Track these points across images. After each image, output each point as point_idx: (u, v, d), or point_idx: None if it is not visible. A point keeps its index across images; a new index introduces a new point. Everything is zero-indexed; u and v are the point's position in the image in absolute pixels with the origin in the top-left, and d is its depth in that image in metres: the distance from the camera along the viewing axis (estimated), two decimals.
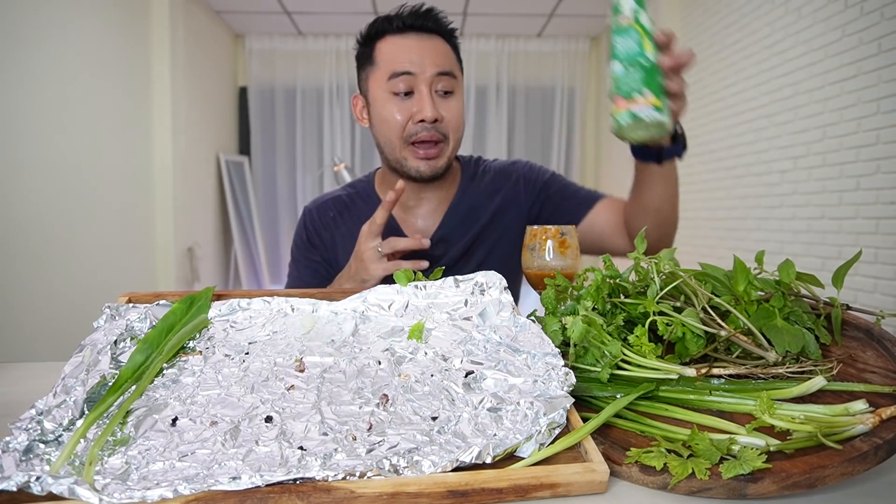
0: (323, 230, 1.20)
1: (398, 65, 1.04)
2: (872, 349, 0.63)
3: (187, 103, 3.53)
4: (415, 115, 1.05)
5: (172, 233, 3.37)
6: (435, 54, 1.06)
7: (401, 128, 1.06)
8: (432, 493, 0.44)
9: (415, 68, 1.04)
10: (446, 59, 1.07)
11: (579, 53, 4.58)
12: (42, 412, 0.51)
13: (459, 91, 1.10)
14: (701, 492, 0.46)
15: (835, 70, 2.20)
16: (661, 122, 0.75)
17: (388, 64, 1.05)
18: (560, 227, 0.94)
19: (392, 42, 1.07)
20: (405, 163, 1.09)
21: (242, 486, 0.43)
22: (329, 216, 1.21)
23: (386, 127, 1.07)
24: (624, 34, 0.76)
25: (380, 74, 1.07)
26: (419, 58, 1.04)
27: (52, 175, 2.43)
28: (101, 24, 2.78)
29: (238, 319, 0.70)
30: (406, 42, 1.06)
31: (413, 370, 0.61)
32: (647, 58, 0.74)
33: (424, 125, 1.04)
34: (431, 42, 1.07)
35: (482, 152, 4.61)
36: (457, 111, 1.08)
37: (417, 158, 1.07)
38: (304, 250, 1.22)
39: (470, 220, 1.19)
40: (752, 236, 2.71)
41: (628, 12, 0.76)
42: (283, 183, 4.60)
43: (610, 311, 0.68)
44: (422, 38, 1.06)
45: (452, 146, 1.10)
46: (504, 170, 1.24)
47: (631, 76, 0.75)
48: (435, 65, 1.04)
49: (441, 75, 1.05)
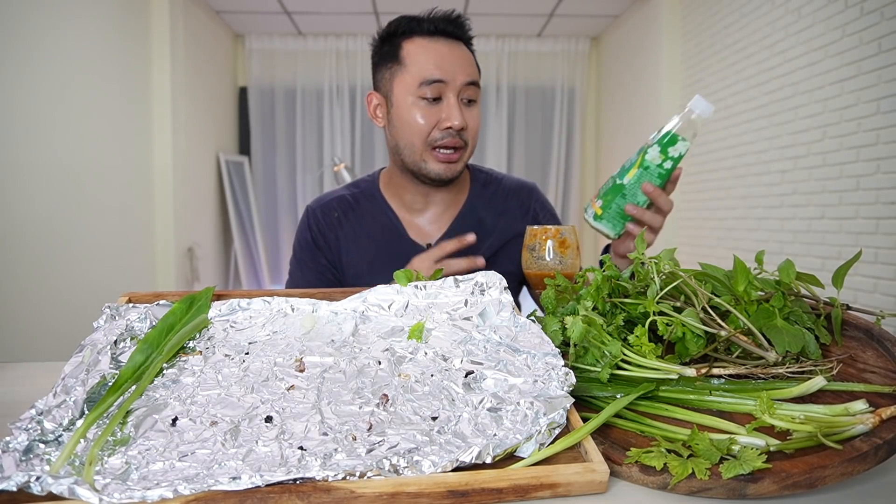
0: (328, 231, 1.18)
1: (430, 72, 1.04)
2: (872, 349, 0.63)
3: (187, 103, 3.53)
4: (441, 122, 1.05)
5: (172, 233, 3.37)
6: (464, 63, 1.06)
7: (426, 133, 1.06)
8: (432, 493, 0.44)
9: (447, 76, 1.04)
10: (473, 70, 1.08)
11: (579, 53, 4.58)
12: (42, 412, 0.51)
13: (479, 100, 1.11)
14: (701, 492, 0.46)
15: (835, 70, 2.20)
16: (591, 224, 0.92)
17: (419, 69, 1.05)
18: (560, 227, 0.94)
19: (422, 45, 1.06)
20: (425, 165, 1.08)
21: (242, 486, 0.43)
22: (333, 216, 1.19)
23: (409, 130, 1.07)
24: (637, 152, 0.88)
25: (409, 78, 1.06)
26: (451, 66, 1.04)
27: (51, 175, 2.43)
28: (100, 24, 2.78)
29: (238, 319, 0.70)
30: (437, 47, 1.05)
31: (413, 370, 0.61)
32: (623, 178, 0.88)
33: (450, 132, 1.05)
34: (459, 50, 1.07)
35: (482, 152, 4.62)
36: (477, 119, 1.10)
37: (439, 162, 1.08)
38: (309, 252, 1.19)
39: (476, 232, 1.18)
40: (752, 236, 2.71)
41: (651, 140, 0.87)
42: (283, 183, 4.60)
43: (610, 311, 0.68)
44: (451, 45, 1.07)
45: (469, 152, 1.11)
46: (517, 192, 1.24)
47: (606, 184, 0.91)
48: (465, 74, 1.05)
49: (469, 85, 1.06)
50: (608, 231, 0.92)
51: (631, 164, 0.87)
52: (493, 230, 1.18)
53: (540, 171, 4.68)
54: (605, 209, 0.89)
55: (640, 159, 0.86)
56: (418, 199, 1.16)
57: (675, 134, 0.84)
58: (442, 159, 1.07)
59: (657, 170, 0.86)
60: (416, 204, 1.17)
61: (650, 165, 0.86)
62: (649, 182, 0.86)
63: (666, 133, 0.85)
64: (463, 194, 1.20)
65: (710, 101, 0.89)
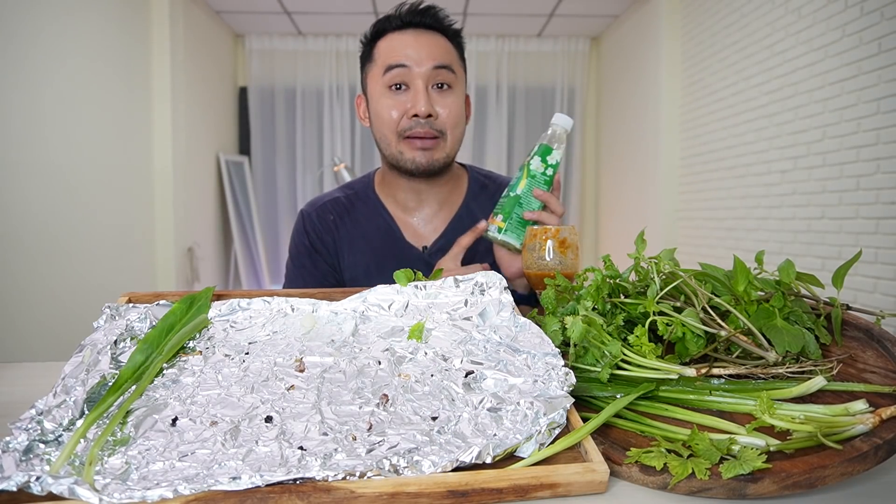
0: (325, 234, 1.16)
1: (392, 58, 1.03)
2: (872, 349, 0.63)
3: (187, 103, 3.53)
4: (409, 110, 1.03)
5: (172, 233, 3.37)
6: (432, 48, 1.04)
7: (395, 122, 1.04)
8: (432, 493, 0.44)
9: (410, 61, 1.02)
10: (445, 54, 1.05)
11: (579, 53, 4.58)
12: (42, 412, 0.51)
13: (459, 86, 1.08)
14: (701, 492, 0.46)
15: (835, 70, 2.20)
16: (498, 239, 1.00)
17: (384, 59, 1.04)
18: (560, 226, 0.94)
19: (390, 38, 1.06)
20: (401, 156, 1.06)
21: (242, 486, 0.43)
22: (329, 219, 1.17)
23: (380, 122, 1.06)
24: (520, 168, 1.00)
25: (376, 70, 1.06)
26: (415, 51, 1.03)
27: (51, 175, 2.43)
28: (100, 24, 2.78)
29: (238, 319, 0.70)
30: (403, 37, 1.05)
31: (413, 370, 0.61)
32: (515, 190, 0.99)
33: (418, 120, 1.02)
34: (430, 37, 1.05)
35: (482, 152, 4.62)
36: (455, 107, 1.06)
37: (414, 149, 1.05)
38: (308, 257, 1.17)
39: None
40: (752, 236, 2.71)
41: (530, 154, 1.00)
42: (283, 183, 4.60)
43: (610, 311, 0.68)
44: (420, 34, 1.05)
45: (451, 142, 1.07)
46: None
47: (501, 201, 1.00)
48: (431, 58, 1.03)
49: (438, 69, 1.03)
50: (513, 241, 0.99)
51: (518, 178, 0.99)
52: None
53: None
54: (507, 221, 0.99)
55: (527, 170, 0.98)
56: (411, 197, 1.15)
57: (548, 145, 0.99)
58: (417, 146, 1.05)
59: (542, 177, 0.99)
60: (410, 202, 1.15)
61: (536, 174, 0.98)
62: (537, 188, 0.98)
63: (541, 146, 0.99)
64: (459, 195, 1.18)
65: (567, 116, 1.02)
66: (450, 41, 1.08)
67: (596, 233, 4.72)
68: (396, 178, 1.12)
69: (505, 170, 4.59)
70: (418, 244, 1.15)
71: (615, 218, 4.31)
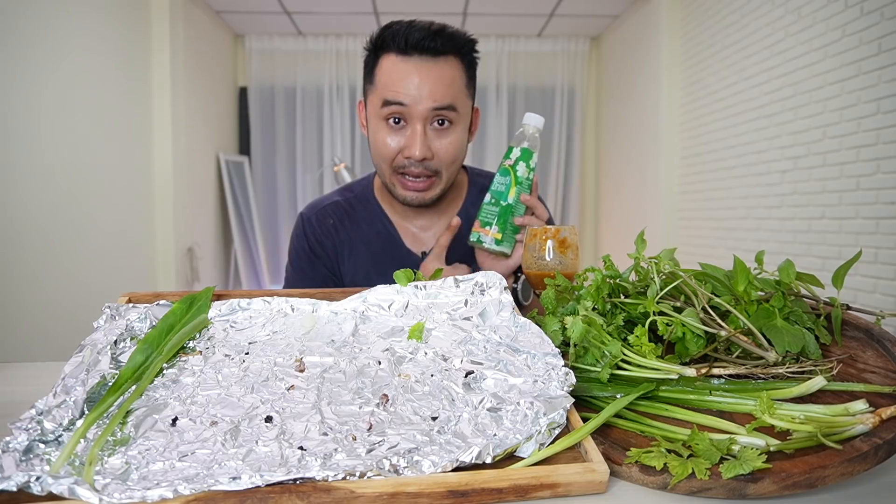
0: (325, 239, 1.15)
1: (392, 93, 0.97)
2: (872, 349, 0.63)
3: (187, 103, 3.53)
4: (404, 150, 0.99)
5: (172, 233, 3.37)
6: (436, 85, 0.96)
7: (391, 157, 1.01)
8: (432, 493, 0.44)
9: (409, 100, 0.96)
10: (448, 90, 0.98)
11: (579, 53, 4.58)
12: (42, 412, 0.51)
13: (461, 122, 1.02)
14: (701, 492, 0.46)
15: (835, 70, 2.20)
16: (497, 250, 1.00)
17: (383, 88, 0.98)
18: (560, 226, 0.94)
19: (392, 63, 0.98)
20: (394, 189, 1.05)
21: (242, 486, 0.43)
22: (329, 223, 1.15)
23: (376, 152, 1.03)
24: (502, 174, 0.99)
25: (375, 97, 1.01)
26: (416, 89, 0.96)
27: (51, 175, 2.43)
28: (100, 24, 2.78)
29: (238, 319, 0.70)
30: (406, 67, 0.97)
31: (413, 370, 0.61)
32: (506, 199, 0.98)
33: (412, 161, 1.00)
34: (436, 69, 0.97)
35: (482, 152, 4.62)
36: (451, 148, 1.01)
37: (405, 189, 1.03)
38: (308, 262, 1.15)
39: None
40: (752, 236, 2.71)
41: (512, 159, 0.98)
42: (283, 183, 4.60)
43: (610, 311, 0.68)
44: (424, 64, 0.96)
45: (446, 179, 1.05)
46: None
47: (490, 210, 0.99)
48: (432, 99, 0.96)
49: (438, 110, 0.97)
50: (506, 250, 1.01)
51: (506, 186, 0.98)
52: None
53: (540, 171, 4.68)
54: (503, 232, 0.99)
55: (514, 178, 0.98)
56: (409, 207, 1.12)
57: (529, 149, 0.98)
58: (409, 187, 1.02)
59: (527, 182, 0.99)
60: (409, 211, 1.13)
61: (522, 180, 0.98)
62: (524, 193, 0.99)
63: (522, 150, 0.98)
64: (459, 199, 1.17)
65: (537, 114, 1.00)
66: (462, 61, 1.01)
67: (596, 233, 4.72)
68: None
69: None
70: (417, 250, 1.14)
71: (615, 218, 4.31)
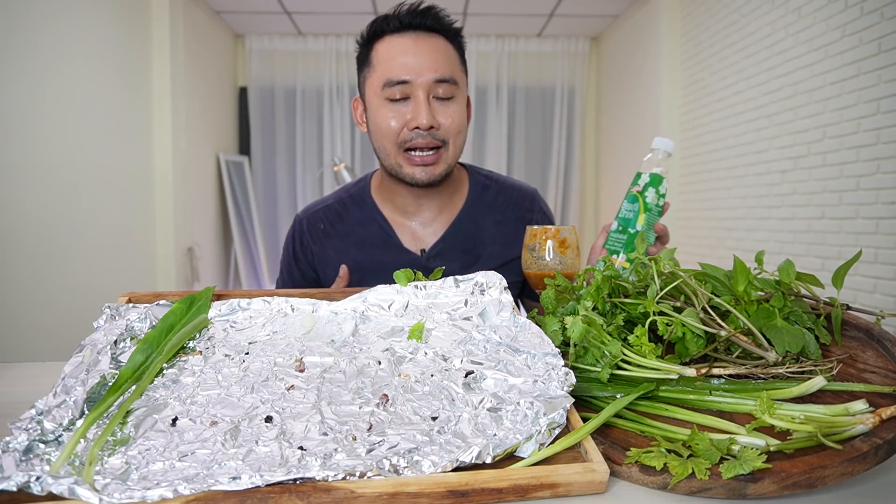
0: (311, 244, 1.16)
1: (394, 72, 0.99)
2: (872, 349, 0.63)
3: (187, 103, 3.53)
4: (409, 122, 1.00)
5: (172, 233, 3.37)
6: (434, 58, 1.00)
7: (395, 134, 1.01)
8: (432, 493, 0.44)
9: (411, 75, 0.98)
10: (446, 64, 1.01)
11: (579, 53, 4.58)
12: (42, 412, 0.51)
13: (461, 95, 1.05)
14: (701, 492, 0.46)
15: (835, 70, 2.20)
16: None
17: (383, 68, 1.00)
18: (560, 226, 0.94)
19: (389, 42, 1.01)
20: (400, 170, 1.04)
21: (242, 486, 0.43)
22: (319, 228, 1.16)
23: (380, 133, 1.03)
24: (630, 201, 0.94)
25: (375, 79, 1.02)
26: (416, 63, 0.98)
27: (51, 175, 2.43)
28: (100, 25, 2.78)
29: (238, 319, 0.70)
30: (403, 43, 1.00)
31: (413, 370, 0.61)
32: (635, 226, 0.94)
33: (419, 132, 1.00)
34: (431, 42, 1.01)
35: (482, 152, 4.61)
36: (457, 116, 1.03)
37: (413, 166, 1.03)
38: (287, 263, 1.22)
39: (474, 239, 1.13)
40: (752, 236, 2.71)
41: (641, 184, 0.93)
42: (283, 183, 4.60)
43: (610, 311, 0.68)
44: (420, 39, 1.00)
45: (452, 152, 1.05)
46: (518, 202, 1.19)
47: (617, 238, 0.95)
48: (433, 70, 0.99)
49: (439, 82, 1.00)
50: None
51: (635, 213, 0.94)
52: (492, 238, 1.14)
53: (540, 171, 4.68)
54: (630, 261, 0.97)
55: (643, 204, 0.93)
56: (410, 202, 1.12)
57: (659, 175, 0.93)
58: (417, 162, 1.02)
59: (657, 209, 0.94)
60: (409, 207, 1.13)
61: (652, 207, 0.93)
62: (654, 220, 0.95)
63: (651, 175, 0.94)
64: (460, 197, 1.16)
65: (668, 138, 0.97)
66: (451, 42, 1.05)
67: (596, 233, 4.72)
68: (395, 184, 1.10)
69: (505, 170, 4.59)
70: (416, 248, 1.13)
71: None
